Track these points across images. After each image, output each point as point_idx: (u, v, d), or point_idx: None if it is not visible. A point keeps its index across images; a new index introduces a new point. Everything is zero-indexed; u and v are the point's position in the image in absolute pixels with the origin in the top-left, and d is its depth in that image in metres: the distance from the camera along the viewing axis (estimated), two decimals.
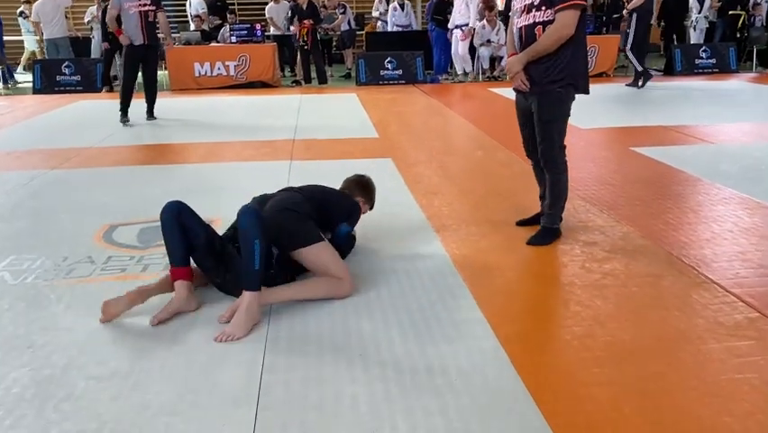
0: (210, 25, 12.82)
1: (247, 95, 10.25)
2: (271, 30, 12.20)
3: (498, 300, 2.83)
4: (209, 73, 11.05)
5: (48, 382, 2.23)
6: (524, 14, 3.27)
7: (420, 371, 2.25)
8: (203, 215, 2.90)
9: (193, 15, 12.76)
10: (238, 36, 11.47)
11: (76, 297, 2.90)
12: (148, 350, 2.43)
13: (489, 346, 2.41)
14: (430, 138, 6.66)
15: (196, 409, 2.06)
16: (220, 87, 10.90)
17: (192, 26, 12.59)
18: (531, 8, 3.22)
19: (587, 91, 3.34)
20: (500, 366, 2.28)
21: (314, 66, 11.21)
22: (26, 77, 12.98)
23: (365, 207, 3.46)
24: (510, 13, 3.48)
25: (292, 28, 10.98)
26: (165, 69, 11.09)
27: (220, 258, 2.82)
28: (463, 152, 6.22)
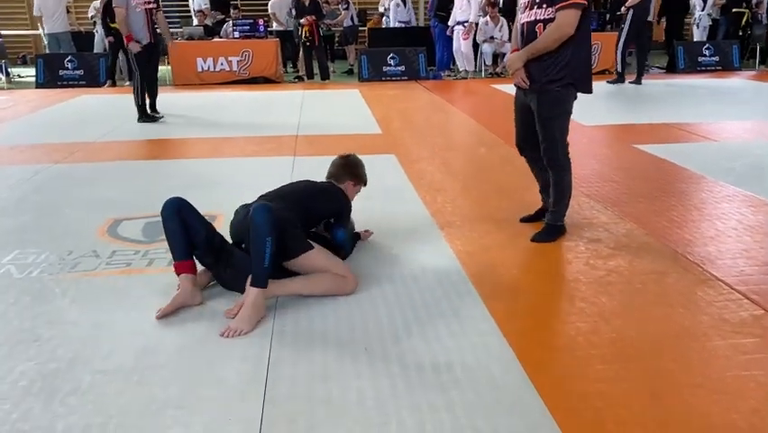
0: (213, 20, 12.81)
1: (250, 90, 10.23)
2: (274, 25, 12.19)
3: (503, 297, 2.83)
4: (212, 68, 11.04)
5: (54, 375, 2.23)
6: (527, 10, 3.26)
7: (426, 366, 2.26)
8: (206, 210, 2.90)
9: (196, 10, 12.76)
10: (241, 31, 11.45)
11: (81, 291, 2.91)
12: (153, 344, 2.43)
13: (495, 343, 2.41)
14: (433, 134, 6.65)
15: (203, 403, 2.07)
16: (223, 83, 10.89)
17: (195, 21, 12.58)
18: (533, 5, 3.21)
19: (589, 91, 3.32)
20: (506, 362, 2.28)
21: (316, 62, 11.19)
22: (29, 71, 12.97)
23: (358, 187, 3.39)
24: (517, 8, 3.47)
25: (302, 21, 10.91)
26: (168, 64, 11.09)
27: (219, 255, 2.83)
28: (466, 148, 6.22)
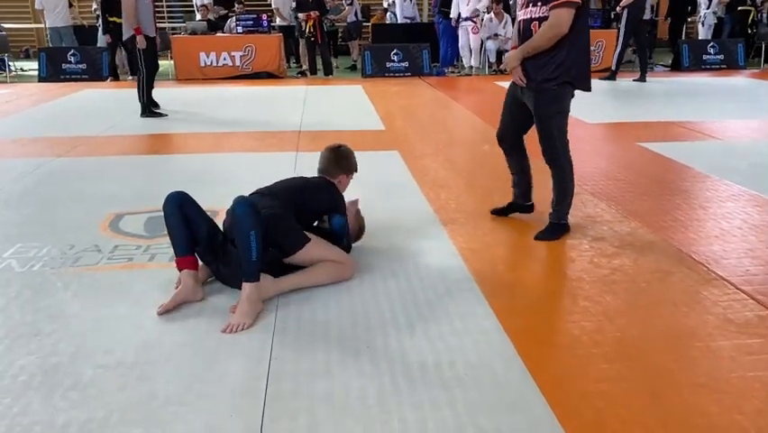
0: (216, 15, 12.78)
1: (253, 85, 10.22)
2: (277, 20, 12.17)
3: (506, 294, 2.82)
4: (215, 63, 11.03)
5: (55, 370, 2.22)
6: (524, 8, 3.27)
7: (428, 364, 2.24)
8: (208, 205, 2.89)
9: (199, 5, 12.71)
10: (244, 26, 11.43)
11: (83, 285, 2.90)
12: (155, 340, 2.42)
13: (497, 340, 2.40)
14: (436, 131, 6.64)
15: (204, 399, 2.06)
16: (225, 78, 10.87)
17: (198, 16, 12.55)
18: (529, 2, 3.22)
19: (588, 89, 3.31)
20: (508, 360, 2.27)
21: (320, 57, 11.17)
22: (32, 64, 12.96)
23: (351, 176, 3.35)
24: (516, 6, 3.47)
25: (300, 15, 10.88)
26: (171, 58, 11.08)
27: (218, 252, 2.82)
28: (470, 145, 6.20)
